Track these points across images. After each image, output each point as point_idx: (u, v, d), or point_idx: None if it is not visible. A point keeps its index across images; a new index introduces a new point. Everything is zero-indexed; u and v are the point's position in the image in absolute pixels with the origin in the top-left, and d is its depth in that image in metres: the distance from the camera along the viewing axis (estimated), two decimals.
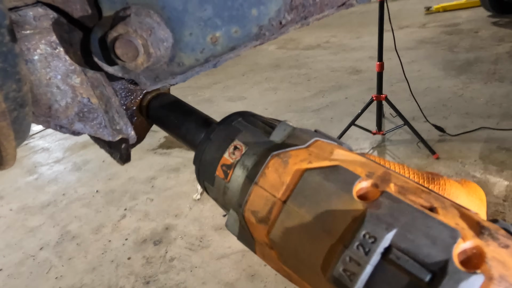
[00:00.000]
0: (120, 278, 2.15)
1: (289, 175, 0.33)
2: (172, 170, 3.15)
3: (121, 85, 0.47)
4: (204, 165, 0.41)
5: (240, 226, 0.36)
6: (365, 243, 0.26)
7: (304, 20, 0.35)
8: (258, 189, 0.34)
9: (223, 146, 0.40)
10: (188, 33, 0.35)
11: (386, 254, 0.25)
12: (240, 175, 0.37)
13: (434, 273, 0.23)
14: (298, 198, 0.32)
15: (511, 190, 2.27)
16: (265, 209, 0.33)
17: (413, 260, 0.24)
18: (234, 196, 0.37)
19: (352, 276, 0.25)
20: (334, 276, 0.26)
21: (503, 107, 3.19)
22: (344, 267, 0.26)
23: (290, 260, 0.32)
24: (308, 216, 0.30)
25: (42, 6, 0.36)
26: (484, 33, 5.27)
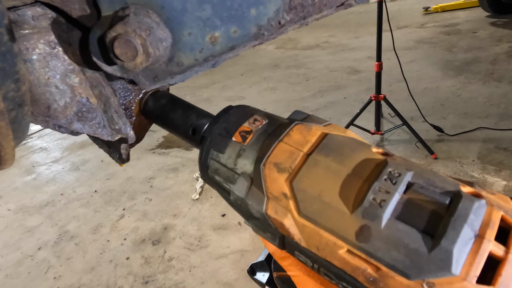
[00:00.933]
0: (118, 278, 2.15)
1: (313, 136, 0.35)
2: (170, 170, 3.15)
3: (120, 85, 0.47)
4: (218, 132, 0.40)
5: (251, 186, 0.35)
6: (392, 177, 0.29)
7: (303, 20, 0.35)
8: (282, 145, 0.35)
9: (243, 117, 0.40)
10: (187, 33, 0.35)
11: (410, 187, 0.29)
12: (261, 137, 0.37)
13: (451, 198, 0.28)
14: (323, 151, 0.33)
15: (509, 190, 2.28)
16: (289, 160, 0.34)
17: (433, 190, 0.28)
18: (251, 155, 0.36)
19: (382, 202, 0.28)
20: (364, 207, 0.28)
21: (501, 107, 3.20)
22: (374, 196, 0.28)
23: (313, 205, 0.31)
24: (335, 163, 0.32)
25: (41, 5, 0.36)
26: (482, 33, 5.28)
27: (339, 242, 0.29)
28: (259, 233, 0.36)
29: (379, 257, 0.27)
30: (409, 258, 0.26)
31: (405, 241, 0.27)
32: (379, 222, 0.28)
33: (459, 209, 0.26)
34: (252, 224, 0.36)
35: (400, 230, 0.27)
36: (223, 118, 0.41)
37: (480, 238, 0.26)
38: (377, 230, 0.28)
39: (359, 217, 0.29)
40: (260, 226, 0.35)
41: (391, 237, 0.27)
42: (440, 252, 0.25)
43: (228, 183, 0.38)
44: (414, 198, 0.28)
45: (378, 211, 0.28)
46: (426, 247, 0.26)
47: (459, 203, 0.27)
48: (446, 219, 0.26)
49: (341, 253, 0.29)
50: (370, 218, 0.28)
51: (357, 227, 0.29)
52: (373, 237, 0.28)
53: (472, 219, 0.26)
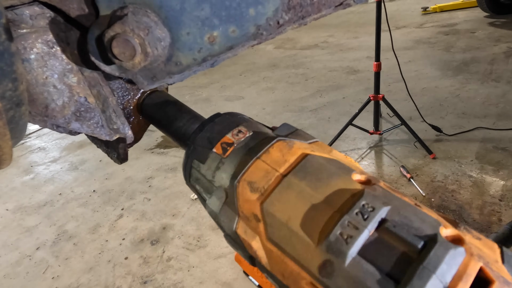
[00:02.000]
0: (117, 278, 2.14)
1: (293, 155, 0.34)
2: (169, 170, 3.15)
3: (118, 84, 0.47)
4: (201, 142, 0.39)
5: (225, 202, 0.35)
6: (364, 211, 0.28)
7: (301, 20, 0.35)
8: (259, 162, 0.34)
9: (227, 128, 0.39)
10: (185, 32, 0.35)
11: (382, 224, 0.27)
12: (240, 151, 0.36)
13: (425, 242, 0.26)
14: (299, 173, 0.32)
15: (507, 189, 2.29)
16: (264, 180, 0.33)
17: (407, 230, 0.26)
18: (229, 169, 0.36)
19: (349, 239, 0.26)
20: (329, 241, 0.27)
21: (499, 107, 3.21)
22: (341, 230, 0.27)
23: (280, 231, 0.30)
24: (309, 189, 0.31)
25: (39, 5, 0.36)
26: (480, 34, 5.29)
27: (303, 273, 0.29)
28: (234, 248, 0.36)
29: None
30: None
31: (367, 283, 0.25)
32: (343, 259, 0.27)
33: (430, 256, 0.24)
34: (226, 239, 0.36)
35: (364, 271, 0.26)
36: (208, 126, 0.41)
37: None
38: (340, 267, 0.27)
39: (323, 251, 0.28)
40: (232, 243, 0.35)
41: (354, 277, 0.26)
42: None
43: (207, 194, 0.38)
44: (384, 237, 0.27)
45: (343, 248, 0.27)
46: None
47: (431, 249, 0.25)
48: (414, 265, 0.24)
49: (304, 284, 0.29)
50: (334, 254, 0.27)
51: (321, 261, 0.28)
52: (336, 273, 0.27)
53: (443, 269, 0.24)
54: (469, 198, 2.28)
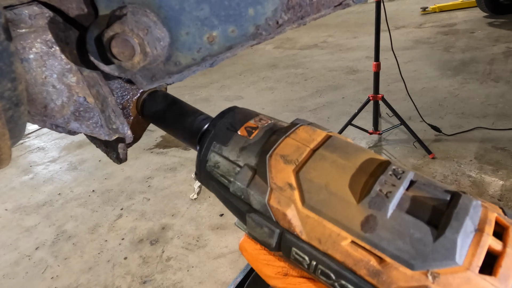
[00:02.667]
0: (116, 278, 2.14)
1: (319, 135, 0.36)
2: (168, 170, 3.15)
3: (117, 84, 0.46)
4: (222, 126, 0.39)
5: (254, 176, 0.35)
6: (396, 173, 0.30)
7: (301, 20, 0.35)
8: (289, 140, 0.35)
9: (249, 116, 0.40)
10: (184, 32, 0.35)
11: (412, 184, 0.30)
12: (267, 133, 0.37)
13: (452, 196, 0.29)
14: (329, 148, 0.34)
15: (506, 189, 2.29)
16: (296, 153, 0.34)
17: (434, 188, 0.29)
18: (256, 148, 0.36)
19: (389, 193, 0.29)
20: (370, 197, 0.29)
21: (498, 107, 3.21)
22: (380, 187, 0.29)
23: (319, 195, 0.31)
24: (341, 159, 0.33)
25: (38, 4, 0.36)
26: (480, 34, 5.30)
27: (343, 233, 0.29)
28: (255, 230, 0.35)
29: (383, 247, 0.27)
30: (414, 248, 0.27)
31: (410, 231, 0.27)
32: (385, 212, 0.28)
33: (460, 204, 0.27)
34: (249, 218, 0.35)
35: (406, 221, 0.28)
36: (228, 114, 0.41)
37: (480, 232, 0.26)
38: (383, 220, 0.28)
39: (365, 207, 0.29)
40: (258, 220, 0.35)
41: (397, 227, 0.28)
42: (445, 241, 0.26)
43: (228, 176, 0.37)
44: (417, 194, 0.29)
45: (385, 201, 0.28)
46: (431, 236, 0.27)
47: (459, 199, 0.28)
48: (448, 211, 0.27)
49: (344, 244, 0.29)
50: (376, 208, 0.29)
51: (363, 217, 0.29)
52: (379, 227, 0.28)
53: (472, 214, 0.27)
54: None
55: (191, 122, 0.45)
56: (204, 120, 0.45)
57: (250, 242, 0.38)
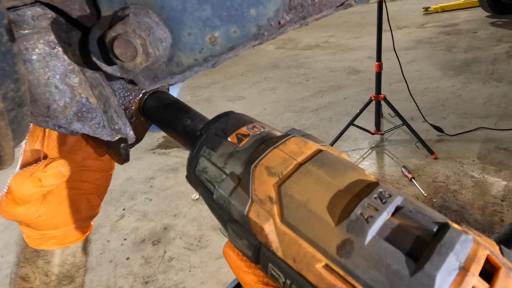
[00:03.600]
0: (118, 278, 2.15)
1: (309, 149, 0.35)
2: (170, 170, 3.15)
3: (119, 85, 0.47)
4: (214, 131, 0.39)
5: (237, 186, 0.34)
6: (382, 196, 0.29)
7: (302, 20, 0.35)
8: (276, 151, 0.34)
9: (242, 122, 0.39)
10: (187, 33, 0.35)
11: (398, 210, 0.29)
12: (256, 142, 0.36)
13: (439, 228, 0.27)
14: (316, 163, 0.33)
15: (509, 190, 2.28)
16: (282, 166, 0.33)
17: (422, 217, 0.28)
18: (244, 156, 0.35)
19: (370, 218, 0.27)
20: (350, 220, 0.28)
21: (501, 107, 3.20)
22: (362, 211, 0.28)
23: (298, 212, 0.30)
24: (326, 176, 0.31)
25: (41, 5, 0.36)
26: (482, 34, 5.28)
27: (318, 255, 0.28)
28: (235, 240, 0.35)
29: (357, 275, 0.26)
30: (388, 280, 0.25)
31: (387, 260, 0.26)
32: (363, 238, 0.27)
33: (446, 237, 0.26)
34: (230, 228, 0.35)
35: (384, 249, 0.26)
36: (222, 119, 0.41)
37: (464, 271, 0.24)
38: (360, 246, 0.27)
39: (343, 230, 0.28)
40: (238, 231, 0.34)
41: (373, 255, 0.26)
42: (423, 277, 0.24)
43: (214, 183, 0.37)
44: (401, 221, 0.28)
45: (364, 226, 0.27)
46: (408, 270, 0.25)
47: (446, 232, 0.26)
48: (432, 244, 0.26)
49: (318, 267, 0.28)
50: (354, 233, 0.27)
51: (340, 240, 0.28)
52: (355, 253, 0.27)
53: (458, 249, 0.25)
54: (471, 199, 2.27)
55: (187, 124, 0.45)
56: (199, 123, 0.45)
57: (233, 248, 0.37)
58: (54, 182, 0.51)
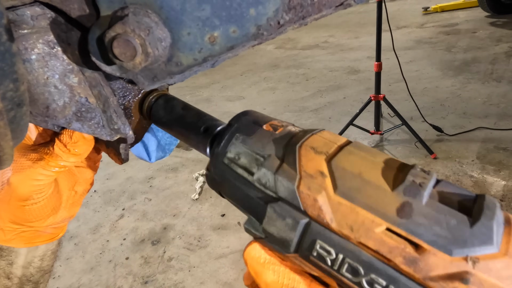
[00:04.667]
0: (118, 278, 2.15)
1: (341, 139, 0.36)
2: (170, 170, 3.15)
3: (119, 84, 0.47)
4: (247, 121, 0.39)
5: (282, 164, 0.34)
6: (424, 170, 0.31)
7: (302, 20, 0.35)
8: (316, 136, 0.36)
9: (269, 117, 0.40)
10: (186, 32, 0.35)
11: (438, 182, 0.31)
12: (292, 132, 0.37)
13: (476, 195, 0.29)
14: (355, 146, 0.35)
15: (508, 189, 2.28)
16: (326, 146, 0.35)
17: (459, 187, 0.30)
18: (283, 141, 0.36)
19: (422, 183, 0.29)
20: (406, 185, 0.29)
21: (500, 107, 3.20)
22: (413, 178, 0.30)
23: (352, 182, 0.31)
24: (369, 155, 0.33)
25: (40, 5, 0.36)
26: (481, 33, 5.29)
27: (378, 219, 0.29)
28: (275, 223, 0.33)
29: (420, 233, 0.27)
30: (451, 234, 0.27)
31: (446, 217, 0.28)
32: (420, 200, 0.29)
33: (487, 199, 0.28)
34: (271, 209, 0.33)
35: (441, 208, 0.28)
36: (251, 113, 0.41)
37: (509, 225, 0.27)
38: (418, 207, 0.28)
39: (400, 194, 0.29)
40: (282, 210, 0.33)
41: (433, 214, 0.28)
42: (482, 226, 0.26)
43: (250, 168, 0.36)
44: (444, 190, 0.30)
45: (420, 189, 0.29)
46: (467, 222, 0.27)
47: (485, 196, 0.29)
48: (479, 203, 0.28)
49: (379, 231, 0.29)
50: (412, 195, 0.29)
51: (399, 203, 0.29)
52: (415, 213, 0.28)
53: (499, 208, 0.28)
54: None
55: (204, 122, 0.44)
56: (217, 121, 0.44)
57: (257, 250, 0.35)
58: (85, 150, 0.46)
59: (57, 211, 0.51)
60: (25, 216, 0.48)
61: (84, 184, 0.56)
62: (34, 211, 0.48)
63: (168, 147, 0.74)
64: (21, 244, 0.52)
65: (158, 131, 0.70)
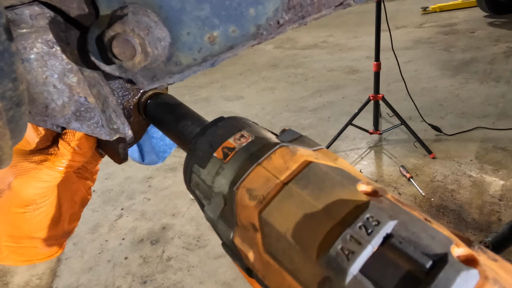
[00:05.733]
0: (117, 278, 2.15)
1: (295, 162, 0.32)
2: (169, 170, 3.15)
3: (118, 84, 0.47)
4: (202, 146, 0.38)
5: (224, 209, 0.34)
6: (368, 225, 0.25)
7: (301, 20, 0.35)
8: (260, 169, 0.33)
9: (229, 132, 0.38)
10: (185, 32, 0.35)
11: (387, 240, 0.25)
12: (241, 157, 0.35)
13: (434, 262, 0.23)
14: (301, 182, 0.30)
15: (506, 189, 2.29)
16: (263, 188, 0.31)
17: (414, 248, 0.24)
18: (229, 174, 0.34)
19: (351, 254, 0.24)
20: (330, 256, 0.25)
21: (499, 107, 3.21)
22: (342, 245, 0.25)
23: (278, 243, 0.28)
24: (310, 199, 0.29)
25: (39, 4, 0.36)
26: (480, 33, 5.29)
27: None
28: (230, 257, 0.34)
29: None
30: None
31: None
32: (343, 277, 0.24)
33: (439, 278, 0.22)
34: (224, 248, 0.34)
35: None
36: (210, 130, 0.39)
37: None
38: (339, 286, 0.24)
39: (323, 267, 0.25)
40: (229, 252, 0.34)
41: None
42: None
43: (206, 200, 0.36)
44: (389, 254, 0.24)
45: (344, 264, 0.24)
46: None
47: (441, 270, 0.23)
48: (423, 285, 0.22)
49: None
50: (334, 271, 0.25)
51: (320, 277, 0.25)
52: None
53: None
54: (468, 198, 2.28)
55: (186, 129, 0.45)
56: (197, 128, 0.45)
57: None
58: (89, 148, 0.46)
59: (57, 223, 0.50)
60: (24, 226, 0.46)
61: (82, 194, 0.56)
62: (34, 220, 0.46)
63: (162, 155, 0.73)
64: (18, 262, 0.50)
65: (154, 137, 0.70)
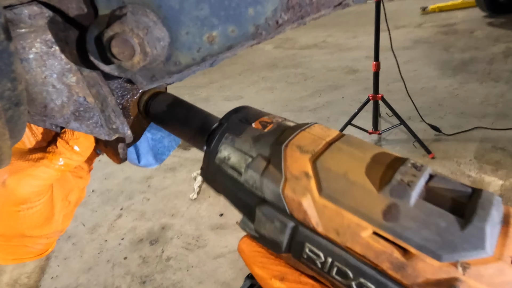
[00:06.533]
0: (116, 278, 2.14)
1: (333, 133, 0.35)
2: (168, 170, 3.15)
3: (117, 84, 0.46)
4: (236, 119, 0.39)
5: (268, 165, 0.34)
6: (416, 166, 0.29)
7: (300, 20, 0.35)
8: (304, 133, 0.35)
9: (262, 113, 0.40)
10: (184, 32, 0.35)
11: (431, 178, 0.29)
12: (281, 127, 0.37)
13: (473, 190, 0.28)
14: (345, 142, 0.33)
15: (505, 189, 2.29)
16: (313, 144, 0.33)
17: (454, 182, 0.29)
18: (271, 139, 0.35)
19: (410, 182, 0.27)
20: (392, 185, 0.28)
21: (498, 107, 3.21)
22: (401, 177, 0.28)
23: (337, 183, 0.30)
24: (357, 152, 0.32)
25: (38, 4, 0.36)
26: (479, 33, 5.30)
27: (363, 223, 0.27)
28: (264, 226, 0.33)
29: (408, 237, 0.26)
30: (441, 237, 0.25)
31: (436, 219, 0.26)
32: (408, 201, 0.27)
33: (483, 196, 0.26)
34: (259, 212, 0.33)
35: (430, 209, 0.26)
36: (242, 110, 0.40)
37: (506, 224, 0.25)
38: (406, 209, 0.27)
39: (386, 196, 0.27)
40: (269, 213, 0.32)
41: (421, 216, 0.26)
42: (474, 229, 0.24)
43: (239, 168, 0.35)
44: (436, 186, 0.28)
45: (407, 190, 0.27)
46: (458, 225, 0.25)
47: (481, 192, 0.27)
48: (473, 201, 0.26)
49: (365, 235, 0.27)
50: (398, 196, 0.27)
51: (385, 205, 0.27)
52: (402, 216, 0.26)
53: (496, 205, 0.26)
54: None
55: (200, 120, 0.45)
56: (214, 119, 0.44)
57: (249, 243, 0.36)
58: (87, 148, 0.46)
59: (50, 221, 0.49)
60: (17, 224, 0.45)
61: (77, 194, 0.55)
62: (28, 218, 0.45)
63: (160, 157, 0.72)
64: (8, 260, 0.49)
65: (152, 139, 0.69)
